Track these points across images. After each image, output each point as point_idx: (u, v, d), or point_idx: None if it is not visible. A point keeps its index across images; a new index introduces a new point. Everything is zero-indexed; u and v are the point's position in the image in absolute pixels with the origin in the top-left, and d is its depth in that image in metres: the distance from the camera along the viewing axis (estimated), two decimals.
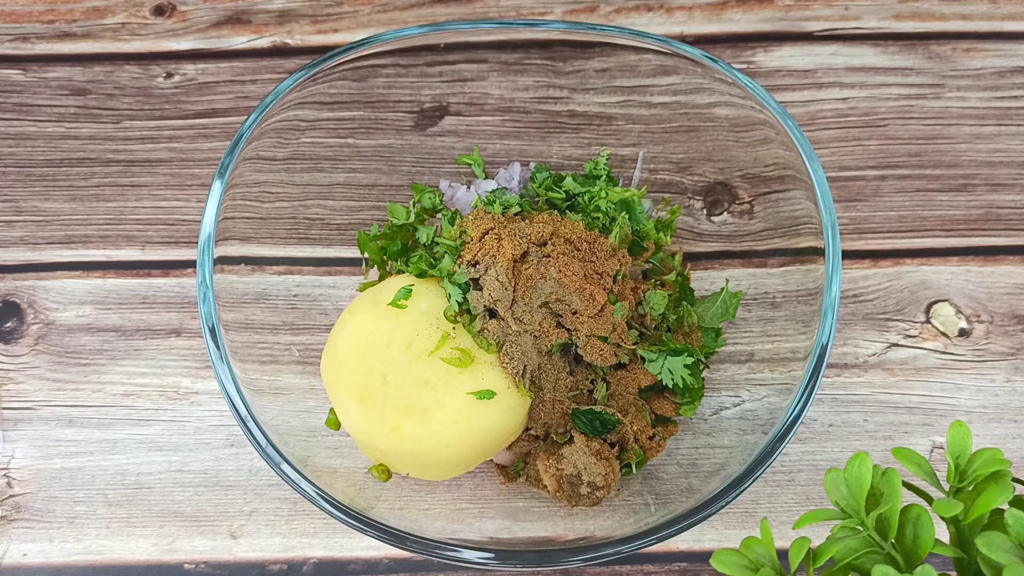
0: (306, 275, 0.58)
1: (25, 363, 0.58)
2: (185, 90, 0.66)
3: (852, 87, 0.65)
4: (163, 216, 0.62)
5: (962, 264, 0.60)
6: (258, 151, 0.53)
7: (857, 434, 0.56)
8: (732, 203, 0.60)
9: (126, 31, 0.68)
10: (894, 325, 0.59)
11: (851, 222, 0.62)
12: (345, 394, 0.49)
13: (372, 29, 0.68)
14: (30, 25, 0.68)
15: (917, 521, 0.34)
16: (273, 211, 0.56)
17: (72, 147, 0.64)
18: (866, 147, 0.64)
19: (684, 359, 0.51)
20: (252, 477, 0.55)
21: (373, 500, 0.50)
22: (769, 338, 0.55)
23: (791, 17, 0.68)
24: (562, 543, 0.49)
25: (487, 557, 0.45)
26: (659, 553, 0.54)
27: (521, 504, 0.53)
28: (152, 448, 0.56)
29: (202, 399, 0.57)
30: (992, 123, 0.64)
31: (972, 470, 0.35)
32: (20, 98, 0.66)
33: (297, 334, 0.56)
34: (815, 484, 0.55)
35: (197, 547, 0.54)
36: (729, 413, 0.54)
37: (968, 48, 0.67)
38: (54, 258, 0.61)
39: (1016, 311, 0.59)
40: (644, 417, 0.52)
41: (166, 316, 0.59)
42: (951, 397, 0.57)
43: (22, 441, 0.56)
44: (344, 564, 0.54)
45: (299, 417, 0.52)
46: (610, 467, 0.50)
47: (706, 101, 0.56)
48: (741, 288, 0.57)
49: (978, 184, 0.63)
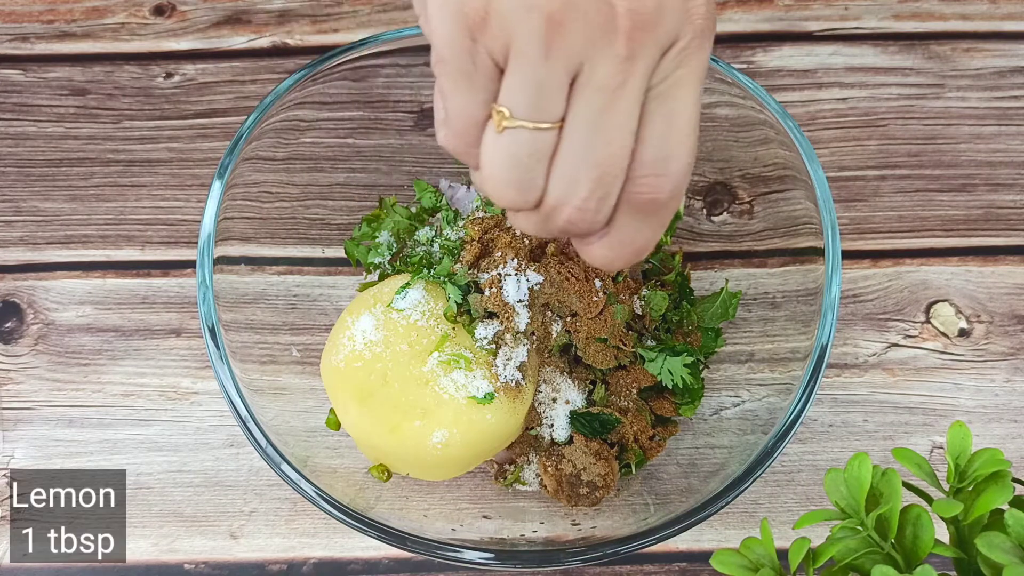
0: (306, 275, 0.59)
1: (25, 363, 0.58)
2: (185, 90, 0.66)
3: (852, 87, 0.65)
4: (163, 216, 0.62)
5: (962, 264, 0.60)
6: (258, 151, 0.53)
7: (857, 434, 0.56)
8: (732, 203, 0.60)
9: (126, 31, 0.68)
10: (894, 325, 0.59)
11: (851, 222, 0.62)
12: (345, 394, 0.49)
13: (372, 29, 0.68)
14: (30, 25, 0.68)
15: (917, 521, 0.34)
16: (273, 211, 0.56)
17: (72, 147, 0.64)
18: (866, 147, 0.64)
19: (684, 359, 0.51)
20: (252, 477, 0.55)
21: (373, 500, 0.50)
22: (769, 338, 0.55)
23: (791, 17, 0.68)
24: (562, 543, 0.49)
25: (487, 557, 0.45)
26: (659, 553, 0.54)
27: (521, 504, 0.53)
28: (152, 448, 0.56)
29: (202, 399, 0.57)
30: (992, 123, 0.64)
31: (972, 470, 0.35)
32: (20, 98, 0.66)
33: (297, 334, 0.56)
34: (815, 484, 0.55)
35: (197, 547, 0.54)
36: (729, 413, 0.54)
37: (968, 48, 0.67)
38: (54, 258, 0.61)
39: (1016, 311, 0.59)
40: (644, 417, 0.52)
41: (166, 316, 0.59)
42: (951, 397, 0.57)
43: (22, 441, 0.56)
44: (344, 564, 0.54)
45: (299, 417, 0.52)
46: (609, 467, 0.50)
47: (706, 101, 0.56)
48: (741, 288, 0.57)
49: (978, 184, 0.63)
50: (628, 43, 0.30)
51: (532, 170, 0.33)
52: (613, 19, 0.30)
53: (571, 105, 0.31)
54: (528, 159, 0.32)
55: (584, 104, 0.31)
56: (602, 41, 0.30)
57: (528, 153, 0.32)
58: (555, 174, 0.33)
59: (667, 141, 0.33)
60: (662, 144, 0.33)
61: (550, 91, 0.31)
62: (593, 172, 0.32)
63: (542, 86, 0.31)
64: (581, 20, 0.29)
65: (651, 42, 0.30)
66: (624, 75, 0.31)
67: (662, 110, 0.32)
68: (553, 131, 0.32)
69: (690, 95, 0.33)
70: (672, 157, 0.33)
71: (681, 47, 0.32)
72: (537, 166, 0.33)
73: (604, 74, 0.31)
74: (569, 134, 0.32)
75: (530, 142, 0.32)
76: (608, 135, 0.32)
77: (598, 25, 0.30)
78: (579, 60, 0.30)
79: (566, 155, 0.32)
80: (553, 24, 0.29)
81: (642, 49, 0.30)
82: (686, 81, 0.32)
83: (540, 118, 0.31)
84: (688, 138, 0.33)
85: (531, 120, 0.31)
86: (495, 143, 0.32)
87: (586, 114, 0.31)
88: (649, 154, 0.33)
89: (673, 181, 0.33)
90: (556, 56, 0.30)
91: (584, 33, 0.30)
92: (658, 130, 0.32)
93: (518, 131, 0.31)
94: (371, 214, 0.58)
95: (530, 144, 0.32)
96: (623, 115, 0.32)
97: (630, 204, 0.34)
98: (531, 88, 0.31)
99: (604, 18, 0.29)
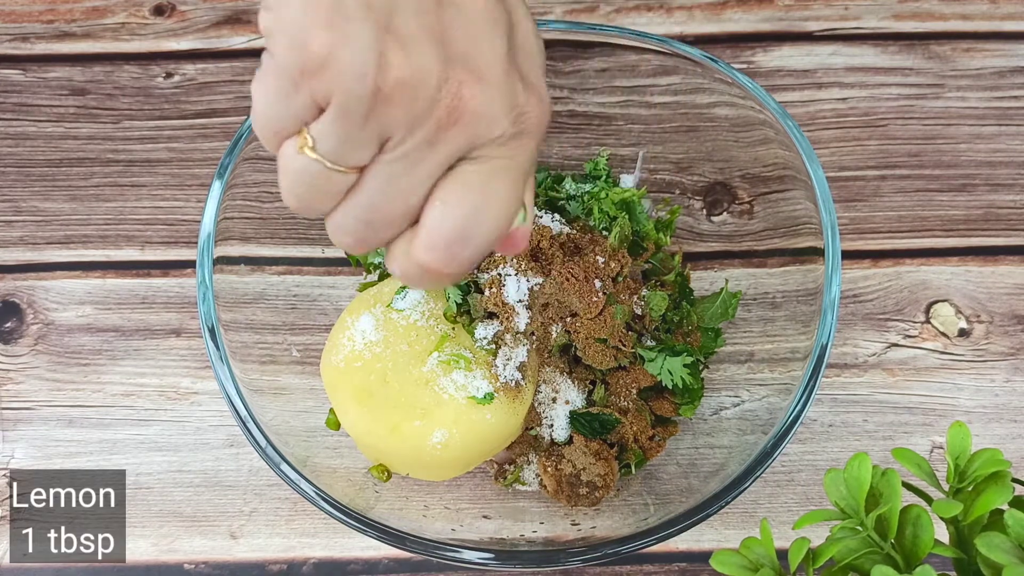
0: (306, 275, 0.59)
1: (25, 363, 0.58)
2: (185, 90, 0.66)
3: (852, 87, 0.65)
4: (163, 216, 0.62)
5: (962, 264, 0.60)
6: (257, 151, 0.53)
7: (857, 434, 0.56)
8: (732, 203, 0.60)
9: (126, 31, 0.68)
10: (894, 325, 0.59)
11: (851, 222, 0.62)
12: (344, 394, 0.49)
13: None
14: (29, 25, 0.68)
15: (916, 521, 0.34)
16: (273, 211, 0.56)
17: (72, 147, 0.64)
18: (866, 147, 0.64)
19: (683, 359, 0.51)
20: (252, 477, 0.55)
21: (373, 500, 0.50)
22: (769, 338, 0.55)
23: (791, 17, 0.68)
24: (562, 543, 0.49)
25: (487, 557, 0.45)
26: (659, 553, 0.54)
27: (521, 504, 0.53)
28: (152, 448, 0.56)
29: (202, 399, 0.57)
30: (992, 123, 0.64)
31: (972, 470, 0.35)
32: (19, 98, 0.66)
33: (297, 334, 0.56)
34: (815, 484, 0.55)
35: (197, 547, 0.54)
36: (729, 413, 0.54)
37: (968, 48, 0.67)
38: (54, 258, 0.61)
39: (1016, 311, 0.59)
40: (644, 417, 0.52)
41: (166, 316, 0.59)
42: (951, 397, 0.57)
43: (21, 441, 0.56)
44: (344, 564, 0.54)
45: (299, 417, 0.52)
46: (609, 467, 0.50)
47: (706, 101, 0.56)
48: (741, 288, 0.57)
49: (978, 184, 0.63)
50: (437, 132, 0.32)
51: (317, 197, 0.35)
52: (432, 109, 0.32)
53: (372, 163, 0.33)
54: (316, 187, 0.34)
55: (383, 167, 0.33)
56: (416, 123, 0.32)
57: (317, 184, 0.34)
58: (337, 208, 0.35)
59: (445, 222, 0.34)
60: (440, 223, 0.34)
61: (356, 147, 0.33)
62: (365, 216, 0.35)
63: (351, 141, 0.32)
64: (407, 102, 0.31)
65: (461, 136, 0.33)
66: (425, 154, 0.33)
67: (454, 190, 0.34)
68: (346, 175, 0.34)
69: (493, 184, 0.34)
70: (450, 238, 0.34)
71: (500, 142, 0.34)
72: (323, 196, 0.34)
73: (408, 148, 0.33)
74: (361, 184, 0.34)
75: (322, 176, 0.33)
76: (392, 197, 0.34)
77: (418, 110, 0.32)
78: (391, 132, 0.32)
79: (350, 200, 0.34)
80: (381, 98, 0.31)
81: (450, 140, 0.33)
82: (493, 173, 0.34)
83: (338, 163, 0.33)
84: (474, 226, 0.34)
85: (330, 161, 0.33)
86: (293, 158, 0.33)
87: (381, 175, 0.33)
88: (426, 227, 0.35)
89: (441, 258, 0.35)
90: (372, 124, 0.32)
91: (404, 113, 0.31)
92: (438, 210, 0.34)
93: (315, 163, 0.33)
94: None
95: (322, 178, 0.34)
96: (412, 186, 0.34)
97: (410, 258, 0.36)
98: (340, 138, 0.32)
99: (425, 106, 0.32)
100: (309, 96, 0.32)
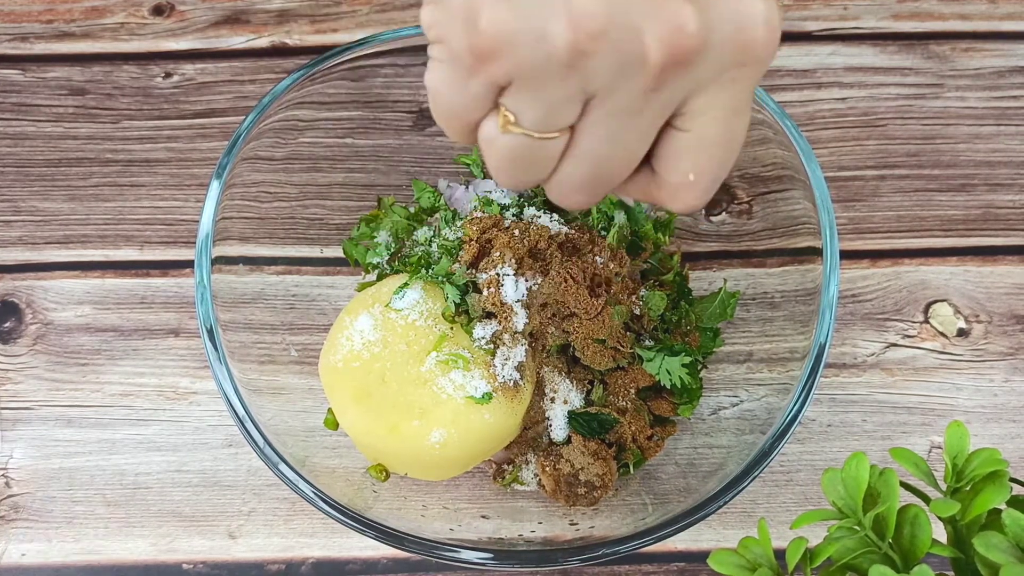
0: (304, 275, 0.59)
1: (23, 363, 0.58)
2: (184, 90, 0.66)
3: (851, 87, 0.65)
4: (161, 216, 0.62)
5: (961, 264, 0.60)
6: (256, 151, 0.53)
7: (855, 434, 0.56)
8: (730, 203, 0.60)
9: (125, 31, 0.68)
10: (892, 325, 0.59)
11: (849, 222, 0.62)
12: (343, 394, 0.49)
13: (371, 29, 0.68)
14: (29, 25, 0.68)
15: (914, 521, 0.34)
16: (271, 211, 0.56)
17: (71, 147, 0.64)
18: (865, 147, 0.64)
19: (682, 359, 0.51)
20: (251, 477, 0.55)
21: (371, 500, 0.50)
22: (767, 338, 0.55)
23: (790, 17, 0.68)
24: (560, 543, 0.49)
25: (486, 557, 0.45)
26: (657, 553, 0.54)
27: (519, 504, 0.53)
28: (150, 448, 0.56)
29: (200, 399, 0.57)
30: (991, 123, 0.64)
31: (970, 470, 0.35)
32: (19, 98, 0.66)
33: (295, 334, 0.56)
34: (813, 484, 0.55)
35: (195, 547, 0.54)
36: (727, 413, 0.54)
37: (967, 48, 0.67)
38: (52, 258, 0.61)
39: (1015, 311, 0.59)
40: (642, 417, 0.52)
41: (164, 316, 0.59)
42: (949, 397, 0.57)
43: (20, 441, 0.56)
44: (342, 564, 0.54)
45: (297, 417, 0.52)
46: (607, 467, 0.50)
47: None
48: (739, 288, 0.57)
49: (977, 184, 0.63)
50: (656, 78, 0.30)
51: (533, 169, 0.33)
52: (643, 55, 0.29)
53: (583, 121, 0.31)
54: (530, 160, 0.32)
55: (600, 122, 0.31)
56: (626, 74, 0.29)
57: (531, 156, 0.32)
58: (558, 171, 0.33)
59: (679, 164, 0.33)
60: (675, 167, 0.33)
61: (560, 109, 0.30)
62: (593, 172, 0.33)
63: (553, 105, 0.30)
64: (610, 53, 0.29)
65: (682, 77, 0.30)
66: (643, 104, 0.30)
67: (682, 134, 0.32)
68: (558, 139, 0.32)
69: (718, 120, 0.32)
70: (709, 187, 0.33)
71: (729, 75, 0.31)
72: (539, 166, 0.33)
73: (622, 102, 0.30)
74: (580, 142, 0.32)
75: (535, 147, 0.32)
76: (617, 150, 0.32)
77: (626, 60, 0.29)
78: (597, 87, 0.30)
79: (571, 160, 0.33)
80: (577, 53, 0.29)
81: (670, 83, 0.30)
82: (718, 105, 0.32)
83: (547, 130, 0.31)
84: (708, 162, 0.33)
85: (538, 131, 0.31)
86: (498, 138, 0.32)
87: (600, 130, 0.31)
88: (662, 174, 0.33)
89: (684, 201, 0.34)
90: (571, 82, 0.29)
91: (609, 65, 0.29)
92: (671, 152, 0.33)
93: (523, 136, 0.31)
94: (369, 214, 0.58)
95: (535, 149, 0.32)
96: (633, 138, 0.32)
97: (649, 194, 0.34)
98: (541, 105, 0.30)
99: (634, 53, 0.29)
100: (489, 77, 0.30)
